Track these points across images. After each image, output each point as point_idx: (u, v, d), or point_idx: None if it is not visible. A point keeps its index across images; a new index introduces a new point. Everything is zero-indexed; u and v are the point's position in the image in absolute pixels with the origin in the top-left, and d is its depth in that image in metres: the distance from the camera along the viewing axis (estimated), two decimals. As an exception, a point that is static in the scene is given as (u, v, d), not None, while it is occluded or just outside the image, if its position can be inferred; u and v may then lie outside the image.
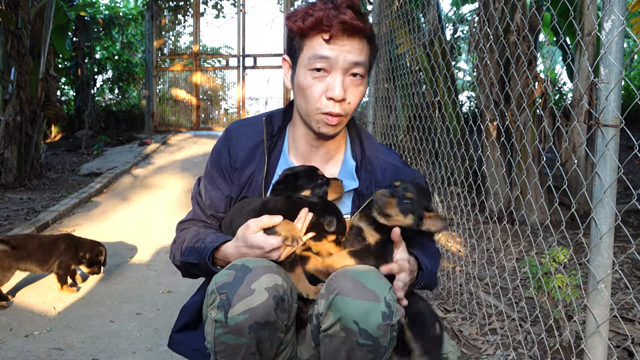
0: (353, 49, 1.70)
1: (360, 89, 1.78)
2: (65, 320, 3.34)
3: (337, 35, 1.67)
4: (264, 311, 1.51)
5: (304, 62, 1.74)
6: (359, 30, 1.69)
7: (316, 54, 1.70)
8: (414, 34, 5.52)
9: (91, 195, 7.32)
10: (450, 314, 3.25)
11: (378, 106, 5.69)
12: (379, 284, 1.54)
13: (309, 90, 1.74)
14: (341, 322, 1.51)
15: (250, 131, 1.96)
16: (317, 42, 1.70)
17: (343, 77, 1.72)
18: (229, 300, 1.51)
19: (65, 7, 10.70)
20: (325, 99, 1.73)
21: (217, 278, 1.57)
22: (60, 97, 14.41)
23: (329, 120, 1.75)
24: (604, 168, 1.81)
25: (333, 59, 1.69)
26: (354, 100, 1.77)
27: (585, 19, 4.72)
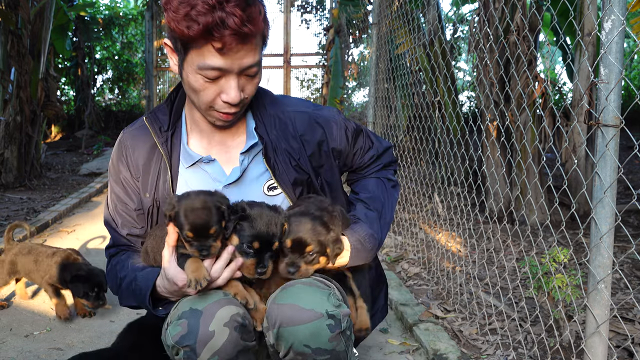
0: (247, 54, 1.56)
1: (255, 81, 1.68)
2: (65, 320, 3.34)
3: (230, 45, 1.50)
4: (232, 346, 1.50)
5: (192, 65, 1.57)
6: (252, 35, 1.53)
7: (207, 64, 1.54)
8: (414, 34, 5.52)
9: (91, 195, 7.32)
10: (450, 314, 3.25)
11: (378, 106, 5.69)
12: (315, 299, 1.52)
13: (202, 93, 1.62)
14: (293, 350, 1.50)
15: (142, 133, 1.83)
16: (207, 51, 1.53)
17: (237, 79, 1.60)
18: (193, 349, 1.48)
19: (65, 7, 10.70)
20: (221, 101, 1.63)
21: (172, 331, 1.52)
22: (60, 97, 14.41)
23: (225, 118, 1.69)
24: (604, 168, 1.81)
25: (227, 67, 1.55)
26: (250, 92, 1.68)
27: (585, 19, 4.72)
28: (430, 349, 2.76)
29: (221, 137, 1.83)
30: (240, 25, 1.47)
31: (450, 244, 4.47)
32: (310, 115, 1.87)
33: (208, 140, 1.83)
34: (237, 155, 1.83)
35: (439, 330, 2.98)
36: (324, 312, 1.49)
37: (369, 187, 2.01)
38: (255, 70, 1.64)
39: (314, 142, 1.85)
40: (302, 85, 13.78)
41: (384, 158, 2.08)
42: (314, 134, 1.85)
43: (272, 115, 1.84)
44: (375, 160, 2.05)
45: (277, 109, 1.86)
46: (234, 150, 1.85)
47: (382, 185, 2.02)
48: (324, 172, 1.89)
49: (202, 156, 1.80)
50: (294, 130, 1.83)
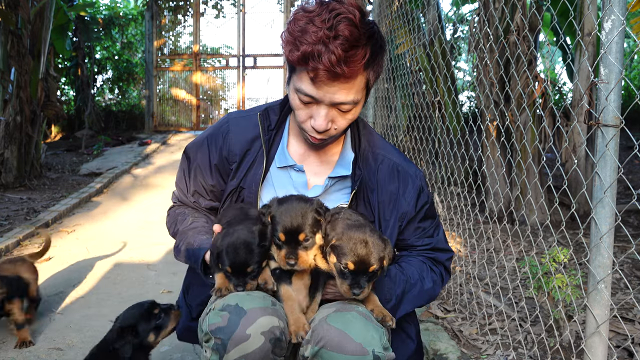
0: (340, 90, 1.60)
1: (348, 117, 1.70)
2: (66, 321, 3.34)
3: (321, 78, 1.57)
4: (261, 355, 1.49)
5: (293, 84, 1.68)
6: (346, 76, 1.57)
7: (302, 89, 1.63)
8: (414, 34, 5.52)
9: (91, 195, 7.32)
10: (450, 314, 3.25)
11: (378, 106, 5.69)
12: (367, 335, 1.50)
13: (297, 111, 1.72)
14: None
15: (248, 123, 1.91)
16: (304, 77, 1.61)
17: (328, 110, 1.65)
18: (224, 345, 1.48)
19: (65, 7, 10.70)
20: (310, 125, 1.69)
21: (210, 320, 1.54)
22: (60, 97, 14.41)
23: (313, 140, 1.74)
24: (604, 168, 1.81)
25: (318, 98, 1.62)
26: (341, 126, 1.71)
27: (585, 19, 4.72)
28: (430, 349, 2.76)
29: (318, 150, 1.89)
30: (334, 64, 1.52)
31: (450, 244, 4.47)
32: (395, 164, 1.88)
33: (307, 148, 1.90)
34: (326, 172, 1.89)
35: (439, 330, 2.98)
36: (370, 351, 1.48)
37: (411, 260, 1.89)
38: (348, 107, 1.66)
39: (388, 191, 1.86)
40: (302, 85, 13.79)
41: (440, 255, 1.93)
42: (391, 183, 1.86)
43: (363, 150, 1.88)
44: (429, 249, 1.92)
45: (367, 144, 1.90)
46: (325, 167, 1.90)
47: (425, 267, 1.88)
48: (385, 222, 1.85)
49: (296, 164, 1.87)
50: (378, 171, 1.86)
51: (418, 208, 1.87)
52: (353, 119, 1.74)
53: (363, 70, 1.62)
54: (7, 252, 4.71)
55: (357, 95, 1.65)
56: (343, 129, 1.74)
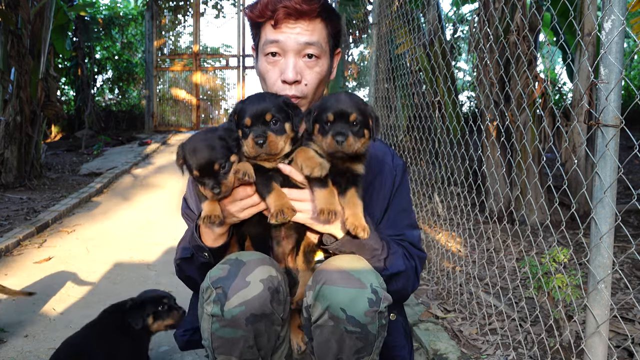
0: (302, 31, 1.74)
1: (316, 69, 1.78)
2: (65, 320, 3.34)
3: (283, 19, 1.72)
4: (260, 302, 1.52)
5: (260, 49, 1.81)
6: (305, 13, 1.72)
7: (267, 39, 1.76)
8: (414, 34, 5.52)
9: (91, 195, 7.32)
10: (450, 314, 3.25)
11: (378, 106, 5.69)
12: (365, 272, 1.55)
13: (267, 75, 1.80)
14: (329, 311, 1.52)
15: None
16: (268, 29, 1.77)
17: (295, 60, 1.76)
18: (225, 293, 1.52)
19: (65, 7, 10.70)
20: (281, 82, 1.76)
21: (212, 273, 1.59)
22: (60, 97, 14.42)
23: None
24: (604, 168, 1.81)
25: (282, 42, 1.74)
26: (310, 81, 1.78)
27: (585, 19, 4.72)
28: (430, 349, 2.76)
29: None
30: (291, 3, 1.69)
31: (450, 244, 4.47)
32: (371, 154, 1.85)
33: None
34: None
35: (439, 330, 2.98)
36: (368, 285, 1.52)
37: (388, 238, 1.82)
38: (314, 52, 1.76)
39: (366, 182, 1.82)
40: (302, 85, 13.79)
41: (413, 250, 1.86)
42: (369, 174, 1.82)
43: None
44: (400, 239, 1.86)
45: None
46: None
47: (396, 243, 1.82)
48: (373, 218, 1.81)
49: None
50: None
51: (393, 191, 1.88)
52: (320, 76, 1.80)
53: (320, 15, 1.75)
54: (7, 252, 4.71)
55: (320, 40, 1.77)
56: (313, 86, 1.79)
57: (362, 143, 1.57)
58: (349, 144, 1.52)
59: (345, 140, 1.51)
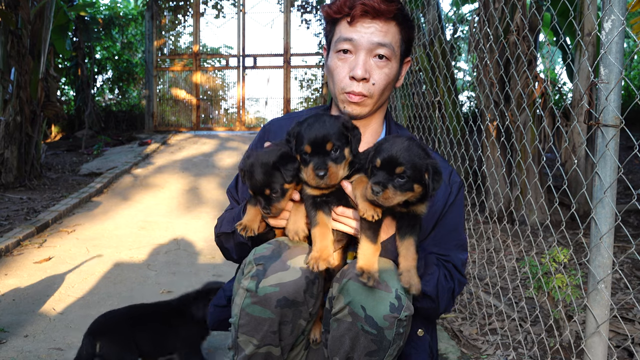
0: (376, 31, 1.75)
1: (385, 70, 1.79)
2: (65, 320, 3.34)
3: (359, 17, 1.74)
4: (294, 289, 1.54)
5: (333, 46, 1.84)
6: (382, 13, 1.74)
7: (341, 37, 1.79)
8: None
9: (91, 195, 7.32)
10: (450, 314, 3.25)
11: (378, 106, 5.68)
12: (393, 278, 1.55)
13: (336, 72, 1.82)
14: (350, 306, 1.53)
15: (289, 123, 1.91)
16: (343, 26, 1.79)
17: (366, 58, 1.77)
18: (265, 270, 1.55)
19: (65, 7, 10.70)
20: (349, 78, 1.78)
21: (257, 250, 1.62)
22: (60, 97, 14.42)
23: (351, 98, 1.78)
24: (604, 168, 1.81)
25: (356, 40, 1.76)
26: (378, 81, 1.79)
27: (585, 19, 4.72)
28: (430, 349, 2.76)
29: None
30: (369, 1, 1.71)
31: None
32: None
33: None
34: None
35: (439, 330, 2.98)
36: (393, 290, 1.52)
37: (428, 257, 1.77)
38: (384, 53, 1.77)
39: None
40: (302, 85, 13.80)
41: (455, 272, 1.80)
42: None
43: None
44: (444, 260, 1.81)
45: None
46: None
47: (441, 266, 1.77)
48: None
49: None
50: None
51: (447, 204, 1.83)
52: (389, 78, 1.81)
53: (396, 18, 1.77)
54: (7, 252, 4.71)
55: (392, 42, 1.78)
56: (380, 86, 1.79)
57: (409, 197, 1.50)
58: (385, 197, 1.45)
59: (381, 192, 1.45)
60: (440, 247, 1.81)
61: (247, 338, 1.60)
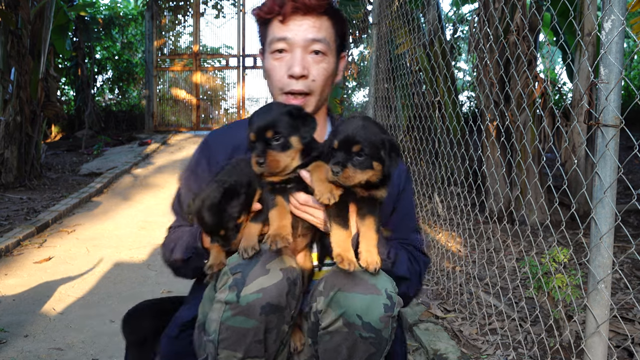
0: (309, 27, 1.73)
1: (323, 65, 1.77)
2: (65, 320, 3.34)
3: (291, 15, 1.72)
4: (277, 293, 1.49)
5: (267, 47, 1.80)
6: (313, 8, 1.72)
7: (275, 37, 1.76)
8: (414, 34, 5.52)
9: (91, 195, 7.32)
10: (450, 314, 3.25)
11: (378, 106, 5.69)
12: (380, 278, 1.54)
13: (273, 72, 1.78)
14: (344, 317, 1.50)
15: (230, 135, 1.90)
16: (275, 25, 1.76)
17: (302, 55, 1.74)
18: (243, 278, 1.48)
19: (65, 7, 10.69)
20: (287, 77, 1.75)
21: (231, 260, 1.55)
22: (60, 97, 14.41)
23: (294, 99, 1.75)
24: (604, 168, 1.81)
25: (290, 38, 1.74)
26: (318, 77, 1.76)
27: (585, 19, 4.72)
28: (430, 349, 2.76)
29: None
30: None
31: (450, 244, 4.47)
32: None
33: None
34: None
35: (439, 330, 2.98)
36: (383, 291, 1.51)
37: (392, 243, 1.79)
38: (320, 48, 1.75)
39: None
40: (302, 85, 13.78)
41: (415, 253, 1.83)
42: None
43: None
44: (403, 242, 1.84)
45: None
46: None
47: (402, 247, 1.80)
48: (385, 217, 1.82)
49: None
50: None
51: (399, 195, 1.86)
52: (327, 73, 1.78)
53: (328, 13, 1.75)
54: (7, 252, 4.71)
55: (327, 37, 1.76)
56: (320, 82, 1.77)
57: (370, 176, 1.48)
58: (345, 176, 1.44)
59: (341, 172, 1.43)
60: (399, 232, 1.84)
61: (229, 353, 1.52)
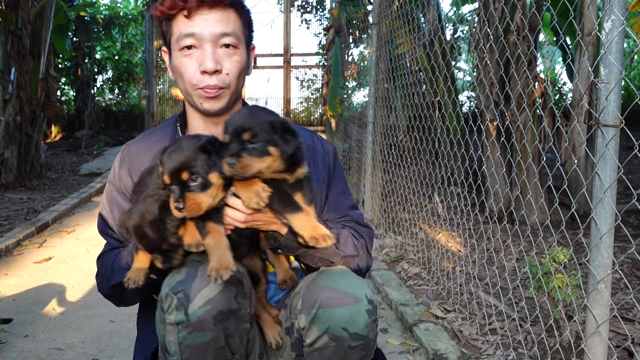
0: (216, 21, 1.68)
1: (236, 58, 1.72)
2: (65, 320, 3.34)
3: (196, 9, 1.66)
4: (226, 298, 1.46)
5: (174, 45, 1.73)
6: (219, 1, 1.67)
7: (181, 33, 1.69)
8: (414, 34, 5.52)
9: (91, 195, 7.32)
10: (450, 314, 3.25)
11: (378, 106, 5.69)
12: (354, 283, 1.54)
13: (184, 69, 1.71)
14: (329, 333, 1.49)
15: (146, 143, 1.84)
16: (180, 21, 1.70)
17: (213, 49, 1.69)
18: (187, 296, 1.44)
19: (65, 7, 10.70)
20: (199, 74, 1.69)
21: (168, 280, 1.49)
22: (60, 97, 14.40)
23: (207, 93, 1.70)
24: (604, 168, 1.81)
25: (198, 33, 1.67)
26: (231, 70, 1.71)
27: (585, 19, 4.72)
28: (430, 349, 2.76)
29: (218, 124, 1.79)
30: None
31: (450, 244, 4.47)
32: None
33: (207, 125, 1.81)
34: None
35: (439, 330, 2.98)
36: (363, 297, 1.50)
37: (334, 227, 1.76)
38: (231, 41, 1.69)
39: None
40: (302, 85, 13.79)
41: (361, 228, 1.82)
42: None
43: None
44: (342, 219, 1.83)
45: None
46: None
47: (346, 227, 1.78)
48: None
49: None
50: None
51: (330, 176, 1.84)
52: (240, 66, 1.73)
53: (233, 5, 1.70)
54: (7, 252, 4.71)
55: (235, 29, 1.71)
56: (234, 75, 1.71)
57: (270, 162, 1.43)
58: (242, 166, 1.38)
59: (237, 162, 1.37)
60: (337, 211, 1.83)
61: None
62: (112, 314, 3.44)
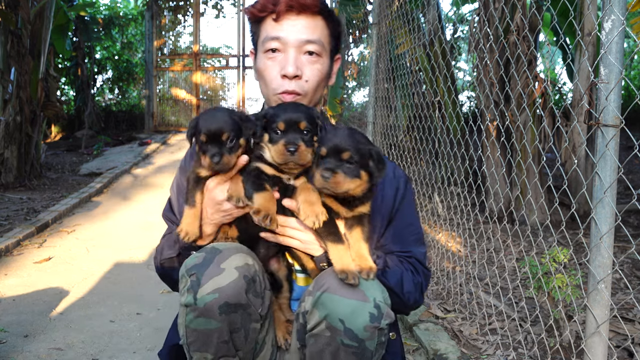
0: (303, 27, 1.71)
1: (317, 66, 1.74)
2: (65, 320, 3.34)
3: (285, 13, 1.69)
4: (234, 291, 1.47)
5: (260, 46, 1.77)
6: (307, 7, 1.69)
7: (268, 36, 1.73)
8: (414, 34, 5.52)
9: (91, 195, 7.32)
10: (450, 314, 3.25)
11: (378, 106, 5.69)
12: (370, 285, 1.49)
13: (266, 72, 1.75)
14: (327, 321, 1.46)
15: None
16: (269, 24, 1.73)
17: (296, 55, 1.72)
18: (199, 280, 1.47)
19: (65, 7, 10.70)
20: (280, 78, 1.72)
21: (188, 262, 1.54)
22: (60, 97, 14.42)
23: (285, 98, 1.72)
24: (604, 168, 1.81)
25: (284, 37, 1.71)
26: (311, 78, 1.74)
27: (585, 19, 4.72)
28: (430, 349, 2.76)
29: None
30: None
31: (450, 244, 4.47)
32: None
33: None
34: None
35: (439, 330, 2.98)
36: (372, 299, 1.47)
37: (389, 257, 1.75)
38: (314, 49, 1.73)
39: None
40: (302, 85, 13.78)
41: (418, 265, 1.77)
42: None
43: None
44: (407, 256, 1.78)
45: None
46: None
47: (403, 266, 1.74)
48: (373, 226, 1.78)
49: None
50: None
51: (397, 202, 1.80)
52: (321, 75, 1.77)
53: (322, 13, 1.73)
54: (7, 252, 4.71)
55: (321, 38, 1.74)
56: (313, 83, 1.74)
57: (357, 185, 1.50)
58: (335, 181, 1.45)
59: (331, 177, 1.45)
60: (400, 244, 1.78)
61: (200, 355, 1.52)
62: (112, 314, 3.44)
